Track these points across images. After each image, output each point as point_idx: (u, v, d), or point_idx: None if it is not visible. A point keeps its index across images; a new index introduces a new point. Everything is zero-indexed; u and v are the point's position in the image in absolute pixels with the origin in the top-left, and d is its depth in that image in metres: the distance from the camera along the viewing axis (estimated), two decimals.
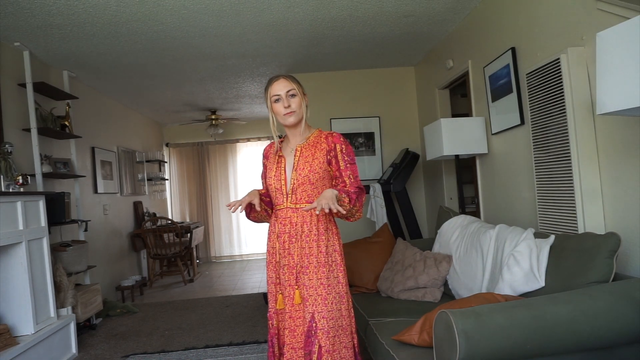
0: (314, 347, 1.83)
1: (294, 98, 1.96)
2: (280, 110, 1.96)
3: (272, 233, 2.03)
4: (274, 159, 2.04)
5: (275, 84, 1.97)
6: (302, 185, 1.93)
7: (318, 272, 1.90)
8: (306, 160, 1.95)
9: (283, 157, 2.02)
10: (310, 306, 1.87)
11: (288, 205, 1.95)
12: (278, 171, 1.99)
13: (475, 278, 2.53)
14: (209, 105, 6.69)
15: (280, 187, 1.97)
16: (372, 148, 5.16)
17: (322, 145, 1.97)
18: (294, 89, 1.96)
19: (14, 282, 3.09)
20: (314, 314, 1.86)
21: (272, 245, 2.01)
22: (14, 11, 3.10)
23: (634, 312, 1.55)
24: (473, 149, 3.49)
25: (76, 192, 4.45)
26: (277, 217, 1.99)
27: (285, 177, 1.97)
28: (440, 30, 4.06)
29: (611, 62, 1.49)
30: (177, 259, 6.41)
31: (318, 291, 1.88)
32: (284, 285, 1.95)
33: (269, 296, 2.03)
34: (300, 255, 1.92)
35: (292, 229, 1.94)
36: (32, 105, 3.74)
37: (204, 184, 8.52)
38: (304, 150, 1.98)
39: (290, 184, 1.95)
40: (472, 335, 1.46)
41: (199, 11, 3.31)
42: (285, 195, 1.96)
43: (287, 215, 1.95)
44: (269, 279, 2.03)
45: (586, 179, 2.26)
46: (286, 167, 1.99)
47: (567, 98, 2.28)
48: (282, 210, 1.97)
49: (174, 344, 3.66)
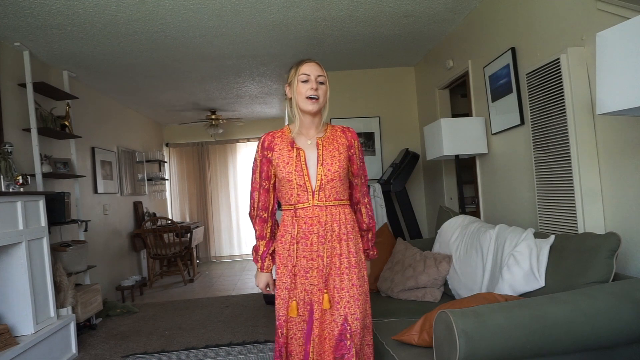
0: (349, 350, 1.74)
1: (321, 85, 1.84)
2: (304, 92, 1.81)
3: (287, 234, 1.84)
4: (290, 152, 1.82)
5: (307, 64, 1.85)
6: (331, 182, 1.80)
7: (350, 272, 1.80)
8: (333, 155, 1.83)
9: (302, 150, 1.82)
10: (343, 309, 1.77)
11: (315, 204, 1.79)
12: (299, 166, 1.80)
13: (475, 278, 2.53)
14: (209, 105, 6.69)
15: (304, 184, 1.79)
16: (372, 148, 5.16)
17: (341, 140, 1.88)
18: (324, 76, 1.85)
19: (14, 282, 3.09)
20: (347, 316, 1.76)
21: (286, 248, 1.83)
22: (14, 11, 3.10)
23: (634, 312, 1.55)
24: (473, 149, 3.49)
25: (76, 192, 4.45)
26: (298, 217, 1.81)
27: (308, 172, 1.80)
28: (440, 30, 4.06)
29: (611, 62, 1.49)
30: (177, 259, 6.41)
31: (350, 293, 1.78)
32: (308, 290, 1.80)
33: (280, 303, 1.84)
34: (330, 256, 1.80)
35: (322, 228, 1.79)
36: (32, 105, 3.74)
37: (204, 184, 8.52)
38: (326, 143, 1.85)
39: (317, 181, 1.79)
40: (472, 335, 1.46)
41: (199, 11, 3.31)
42: (312, 192, 1.79)
43: (314, 214, 1.79)
44: (281, 284, 1.84)
45: (586, 179, 2.26)
46: (307, 161, 1.81)
47: (567, 98, 2.28)
48: (306, 209, 1.80)
49: (174, 344, 3.66)
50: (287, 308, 1.83)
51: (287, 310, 1.82)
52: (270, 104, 6.92)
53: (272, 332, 3.75)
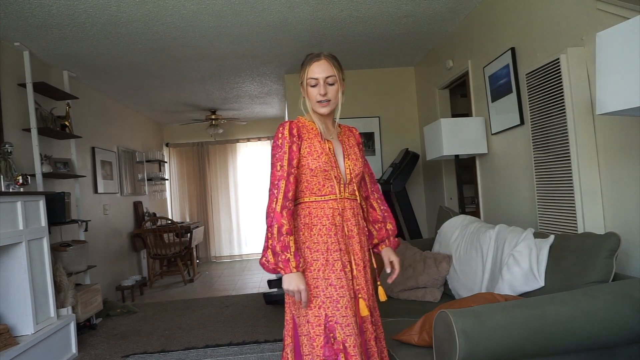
0: (385, 350, 1.76)
1: (332, 86, 1.73)
2: (314, 97, 1.74)
3: (322, 226, 1.71)
4: (321, 143, 1.75)
5: (315, 64, 1.73)
6: (357, 177, 1.79)
7: (370, 267, 1.81)
8: (354, 151, 1.82)
9: (331, 143, 1.78)
10: (373, 301, 1.79)
11: (346, 196, 1.75)
12: (330, 158, 1.74)
13: (475, 278, 2.53)
14: (209, 105, 6.70)
15: (337, 175, 1.73)
16: (372, 148, 5.16)
17: (352, 138, 1.89)
18: (334, 75, 1.72)
19: (14, 282, 3.09)
20: (372, 309, 1.77)
21: (323, 241, 1.69)
22: (14, 11, 3.10)
23: (634, 312, 1.55)
24: (473, 149, 3.49)
25: (76, 192, 4.45)
26: (327, 208, 1.72)
27: (337, 165, 1.76)
28: (440, 30, 4.06)
29: (611, 62, 1.49)
30: (177, 259, 6.41)
31: (371, 286, 1.78)
32: (346, 286, 1.66)
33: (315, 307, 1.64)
34: (360, 249, 1.75)
35: (354, 220, 1.76)
36: (32, 105, 3.74)
37: (204, 184, 8.52)
38: (345, 139, 1.84)
39: (347, 174, 1.77)
40: (472, 335, 1.46)
41: (199, 11, 3.32)
42: (344, 184, 1.75)
43: (348, 206, 1.75)
44: (322, 282, 1.65)
45: (586, 179, 2.26)
46: (335, 153, 1.78)
47: (567, 98, 2.28)
48: (337, 200, 1.73)
49: (174, 344, 3.66)
50: (344, 306, 1.63)
51: (347, 309, 1.63)
52: (270, 104, 6.92)
53: (272, 332, 3.75)
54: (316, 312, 1.63)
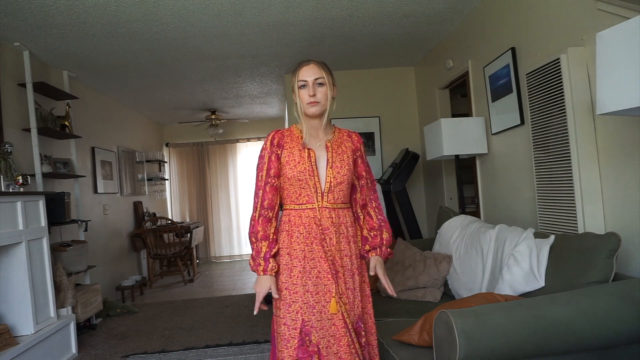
0: (364, 347, 1.77)
1: (321, 87, 1.79)
2: (304, 98, 1.79)
3: (299, 234, 1.78)
4: (300, 151, 1.80)
5: (304, 68, 1.80)
6: (339, 185, 1.80)
7: (361, 273, 1.84)
8: (342, 158, 1.83)
9: (313, 151, 1.81)
10: (357, 308, 1.78)
11: (325, 205, 1.78)
12: (310, 166, 1.78)
13: (475, 278, 2.53)
14: (209, 105, 6.69)
15: (315, 185, 1.78)
16: (372, 148, 5.16)
17: (347, 144, 1.89)
18: (322, 77, 1.79)
19: (14, 282, 3.09)
20: (359, 315, 1.78)
21: (301, 249, 1.77)
22: (14, 11, 3.10)
23: (634, 312, 1.55)
24: (473, 149, 3.49)
25: (76, 192, 4.45)
26: (303, 217, 1.79)
27: (318, 173, 1.79)
28: (440, 30, 4.06)
29: (611, 62, 1.49)
30: (177, 259, 6.41)
31: (359, 292, 1.80)
32: (321, 292, 1.74)
33: (292, 312, 1.74)
34: (340, 257, 1.78)
35: (334, 229, 1.79)
36: (32, 105, 3.74)
37: (204, 184, 8.52)
38: (335, 146, 1.85)
39: (327, 183, 1.79)
40: (472, 335, 1.46)
41: (199, 11, 3.31)
42: (321, 193, 1.79)
43: (325, 215, 1.78)
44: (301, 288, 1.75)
45: (586, 179, 2.26)
46: (317, 162, 1.80)
47: (567, 98, 2.28)
48: (314, 209, 1.78)
49: (174, 344, 3.66)
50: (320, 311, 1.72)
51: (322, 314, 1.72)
52: (270, 104, 6.92)
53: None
54: (293, 315, 1.73)
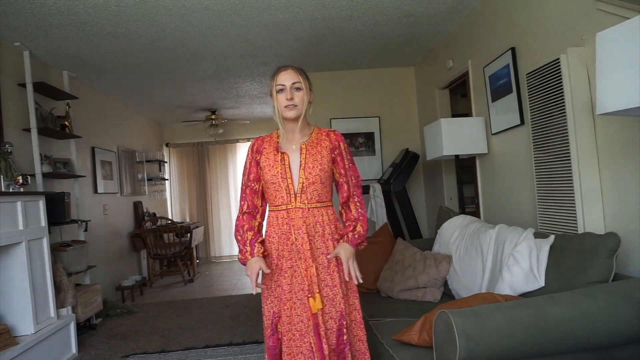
0: (346, 344, 1.83)
1: (298, 92, 1.88)
2: (282, 102, 1.89)
3: (274, 234, 1.91)
4: (275, 156, 1.92)
5: (282, 73, 1.90)
6: (312, 185, 1.88)
7: (339, 270, 1.89)
8: (315, 159, 1.89)
9: (287, 155, 1.91)
10: (339, 304, 1.85)
11: (298, 205, 1.88)
12: (283, 169, 1.88)
13: (475, 278, 2.53)
14: (209, 105, 6.69)
15: (287, 187, 1.88)
16: (372, 148, 5.16)
17: (325, 143, 1.94)
18: (300, 82, 1.89)
19: (14, 282, 3.09)
20: (342, 312, 1.85)
21: (275, 248, 1.90)
22: (14, 11, 3.10)
23: (634, 312, 1.55)
24: (473, 149, 3.49)
25: (76, 192, 4.45)
26: (283, 217, 1.90)
27: (291, 176, 1.89)
28: (440, 30, 4.06)
29: (611, 62, 1.49)
30: (177, 259, 6.41)
31: (342, 288, 1.88)
32: (295, 291, 1.85)
33: (268, 304, 1.92)
34: (315, 257, 1.87)
35: (308, 228, 1.87)
36: (32, 105, 3.74)
37: (204, 184, 8.52)
38: (310, 147, 1.92)
39: (299, 184, 1.87)
40: (472, 335, 1.46)
41: (198, 11, 3.31)
42: (294, 194, 1.88)
43: (298, 215, 1.87)
44: (273, 283, 1.91)
45: (586, 179, 2.26)
46: (291, 164, 1.90)
47: (567, 98, 2.28)
48: (289, 210, 1.88)
49: (174, 344, 3.66)
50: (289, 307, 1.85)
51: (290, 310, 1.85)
52: (270, 104, 6.86)
53: None
54: (269, 307, 1.92)
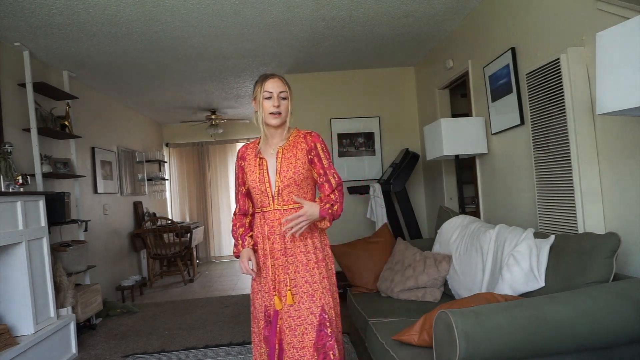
0: (330, 337, 1.89)
1: (284, 101, 1.99)
2: (268, 108, 1.98)
3: (261, 235, 2.03)
4: (255, 161, 2.04)
5: (270, 81, 1.99)
6: (287, 187, 1.96)
7: (319, 267, 1.97)
8: (289, 162, 1.98)
9: (265, 160, 2.02)
10: (319, 300, 1.92)
11: (276, 207, 1.98)
12: (261, 174, 2.00)
13: (475, 278, 2.53)
14: (209, 105, 6.69)
15: (265, 190, 1.99)
16: (372, 148, 5.16)
17: (301, 145, 2.01)
18: (286, 91, 2.00)
19: (14, 282, 3.09)
20: (324, 306, 1.92)
21: (262, 247, 2.02)
22: (14, 11, 3.10)
23: (634, 312, 1.55)
24: (473, 149, 3.49)
25: (76, 192, 4.45)
26: (265, 219, 2.01)
27: (269, 179, 1.99)
28: (440, 30, 4.06)
29: (611, 62, 1.49)
30: (177, 259, 6.41)
31: (322, 284, 1.95)
32: (278, 286, 1.97)
33: (259, 298, 2.04)
34: (293, 255, 1.97)
35: (279, 229, 1.97)
36: (32, 105, 3.74)
37: (204, 184, 8.52)
38: (285, 151, 2.01)
39: (276, 187, 1.97)
40: (472, 335, 1.46)
41: (199, 11, 3.31)
42: (272, 197, 1.98)
43: (276, 217, 1.98)
44: (261, 279, 2.03)
45: (586, 179, 2.26)
46: (269, 169, 2.01)
47: (567, 98, 2.28)
48: (269, 212, 2.00)
49: (174, 344, 3.66)
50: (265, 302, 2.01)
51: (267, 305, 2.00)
52: None
53: None
54: (260, 301, 2.04)
